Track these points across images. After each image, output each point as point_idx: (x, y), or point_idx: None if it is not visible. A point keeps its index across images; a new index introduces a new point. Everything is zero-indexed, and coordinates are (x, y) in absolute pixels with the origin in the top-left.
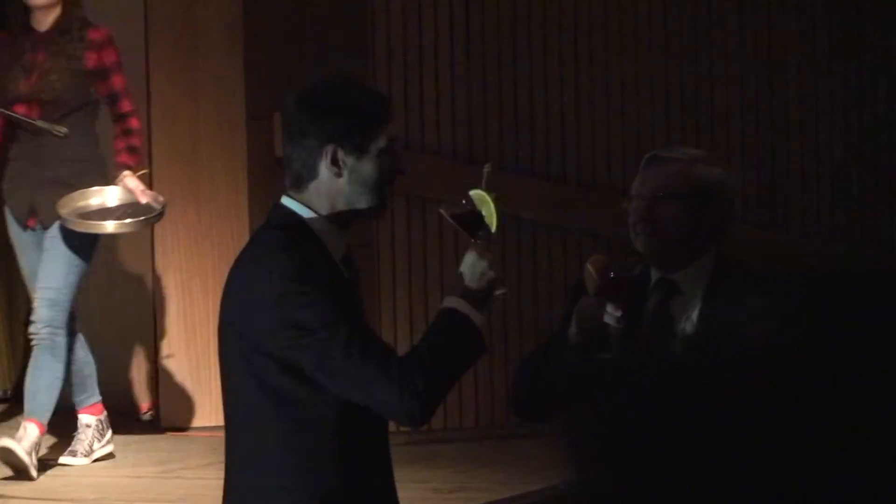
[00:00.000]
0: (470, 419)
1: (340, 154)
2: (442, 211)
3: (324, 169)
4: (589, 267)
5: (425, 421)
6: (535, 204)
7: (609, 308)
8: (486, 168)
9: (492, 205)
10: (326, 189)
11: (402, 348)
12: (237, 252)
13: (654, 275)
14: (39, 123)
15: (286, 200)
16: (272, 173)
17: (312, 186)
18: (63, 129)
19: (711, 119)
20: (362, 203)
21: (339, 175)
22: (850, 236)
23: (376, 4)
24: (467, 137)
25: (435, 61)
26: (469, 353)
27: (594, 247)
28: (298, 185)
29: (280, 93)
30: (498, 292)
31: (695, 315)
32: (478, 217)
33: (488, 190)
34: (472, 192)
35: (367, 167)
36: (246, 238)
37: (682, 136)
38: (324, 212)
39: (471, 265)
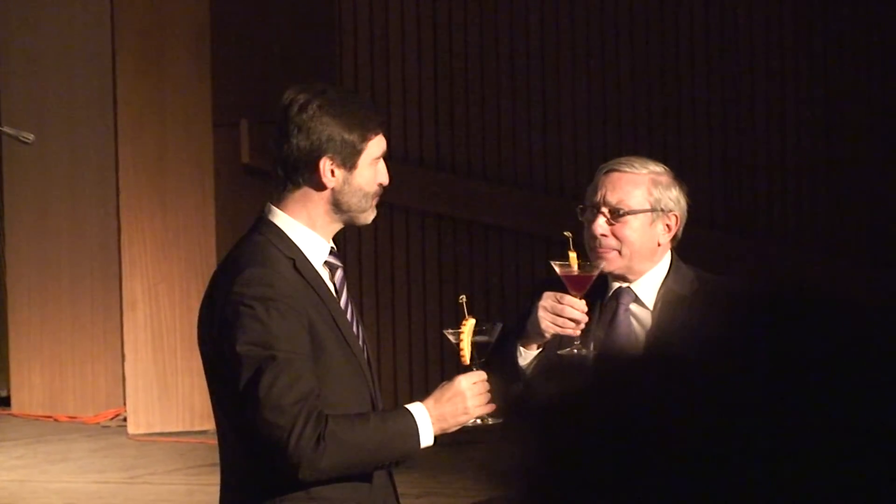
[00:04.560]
0: None
1: (333, 165)
2: (446, 333)
3: (314, 179)
4: (562, 263)
5: (307, 478)
6: (502, 209)
7: (571, 301)
8: (462, 299)
9: (467, 339)
10: (314, 199)
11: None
12: (203, 258)
13: (612, 283)
14: (5, 130)
15: (269, 211)
16: (238, 180)
17: (299, 194)
18: (30, 136)
19: (679, 125)
20: (349, 213)
21: (329, 186)
22: (818, 241)
23: (343, 13)
24: (434, 144)
25: (402, 70)
26: (393, 458)
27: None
28: (284, 192)
29: (246, 100)
30: (490, 421)
31: (648, 322)
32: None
33: (467, 321)
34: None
35: (357, 179)
36: (212, 244)
37: (649, 145)
38: (307, 220)
39: (454, 395)
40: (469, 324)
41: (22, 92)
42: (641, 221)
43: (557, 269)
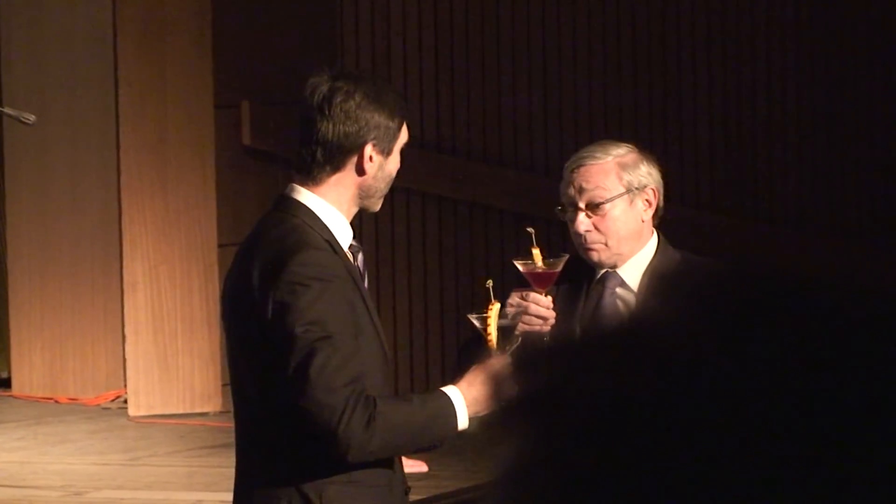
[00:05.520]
0: None
1: (374, 151)
2: (470, 318)
3: (355, 164)
4: (520, 263)
5: (356, 459)
6: (503, 191)
7: (536, 298)
8: (488, 283)
9: (493, 323)
10: (347, 183)
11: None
12: (204, 239)
13: (599, 268)
14: (6, 111)
15: (295, 191)
16: (239, 162)
17: (335, 178)
18: (31, 117)
19: (679, 108)
20: (370, 199)
21: (367, 171)
22: (819, 224)
23: None
24: (435, 125)
25: (403, 53)
26: (432, 440)
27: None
28: (320, 175)
29: (248, 82)
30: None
31: (633, 305)
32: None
33: (493, 305)
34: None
35: (389, 166)
36: (213, 226)
37: (650, 128)
38: (337, 203)
39: (487, 378)
40: (495, 308)
41: (23, 73)
42: (621, 207)
43: (520, 268)
